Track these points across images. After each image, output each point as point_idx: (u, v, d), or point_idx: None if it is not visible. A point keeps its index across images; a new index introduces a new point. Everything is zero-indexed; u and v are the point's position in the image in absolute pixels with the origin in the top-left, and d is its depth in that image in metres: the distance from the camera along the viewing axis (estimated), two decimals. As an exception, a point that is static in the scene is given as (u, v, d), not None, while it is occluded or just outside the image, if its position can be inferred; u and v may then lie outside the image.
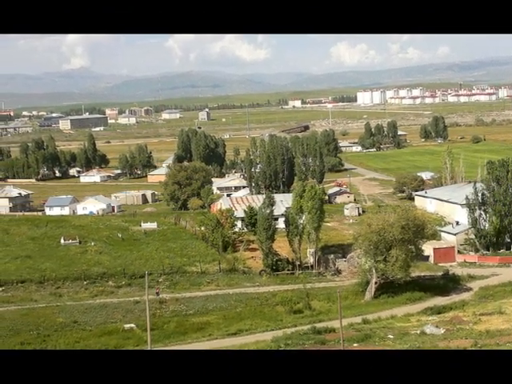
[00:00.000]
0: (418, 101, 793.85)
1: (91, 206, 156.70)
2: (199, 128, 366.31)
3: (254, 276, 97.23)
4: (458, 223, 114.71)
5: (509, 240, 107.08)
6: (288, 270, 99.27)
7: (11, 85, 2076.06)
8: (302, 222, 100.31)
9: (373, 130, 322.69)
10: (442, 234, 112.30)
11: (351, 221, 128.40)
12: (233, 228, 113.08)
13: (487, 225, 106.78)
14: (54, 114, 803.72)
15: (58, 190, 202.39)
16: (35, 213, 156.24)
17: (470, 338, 60.84)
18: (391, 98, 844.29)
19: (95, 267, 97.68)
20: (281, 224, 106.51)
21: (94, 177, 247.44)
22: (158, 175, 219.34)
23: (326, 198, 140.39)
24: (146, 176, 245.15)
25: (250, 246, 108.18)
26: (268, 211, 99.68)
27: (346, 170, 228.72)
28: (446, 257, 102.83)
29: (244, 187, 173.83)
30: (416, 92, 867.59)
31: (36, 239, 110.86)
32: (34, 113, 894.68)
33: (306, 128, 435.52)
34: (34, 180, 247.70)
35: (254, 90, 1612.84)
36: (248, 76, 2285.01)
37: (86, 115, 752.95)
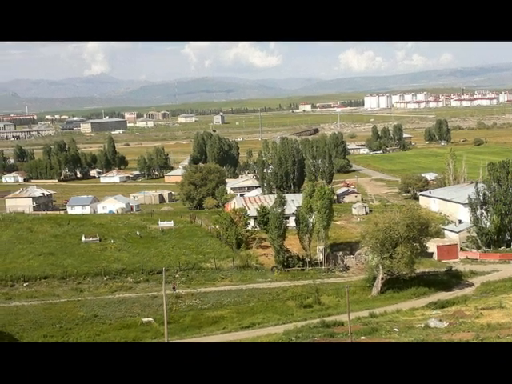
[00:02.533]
0: (422, 105, 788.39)
1: (111, 205, 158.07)
2: (214, 131, 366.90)
3: (266, 272, 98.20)
4: (460, 222, 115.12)
5: (509, 238, 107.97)
6: (298, 266, 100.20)
7: (35, 90, 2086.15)
8: (311, 220, 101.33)
9: (379, 132, 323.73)
10: (446, 232, 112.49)
11: (359, 219, 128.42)
12: (246, 226, 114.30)
13: (488, 223, 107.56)
14: (75, 118, 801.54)
15: (80, 190, 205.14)
16: (57, 212, 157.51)
17: (471, 332, 61.56)
18: (397, 102, 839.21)
19: (115, 264, 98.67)
20: (291, 222, 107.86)
21: (113, 177, 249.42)
22: (175, 176, 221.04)
23: (335, 197, 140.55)
24: (163, 177, 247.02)
25: (262, 244, 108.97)
26: (279, 210, 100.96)
27: (353, 171, 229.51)
28: (449, 254, 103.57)
29: (256, 187, 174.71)
30: (420, 97, 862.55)
31: (58, 237, 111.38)
32: (57, 116, 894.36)
33: (316, 131, 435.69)
34: (56, 180, 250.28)
35: (266, 94, 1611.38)
36: (260, 81, 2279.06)
37: (106, 119, 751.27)
